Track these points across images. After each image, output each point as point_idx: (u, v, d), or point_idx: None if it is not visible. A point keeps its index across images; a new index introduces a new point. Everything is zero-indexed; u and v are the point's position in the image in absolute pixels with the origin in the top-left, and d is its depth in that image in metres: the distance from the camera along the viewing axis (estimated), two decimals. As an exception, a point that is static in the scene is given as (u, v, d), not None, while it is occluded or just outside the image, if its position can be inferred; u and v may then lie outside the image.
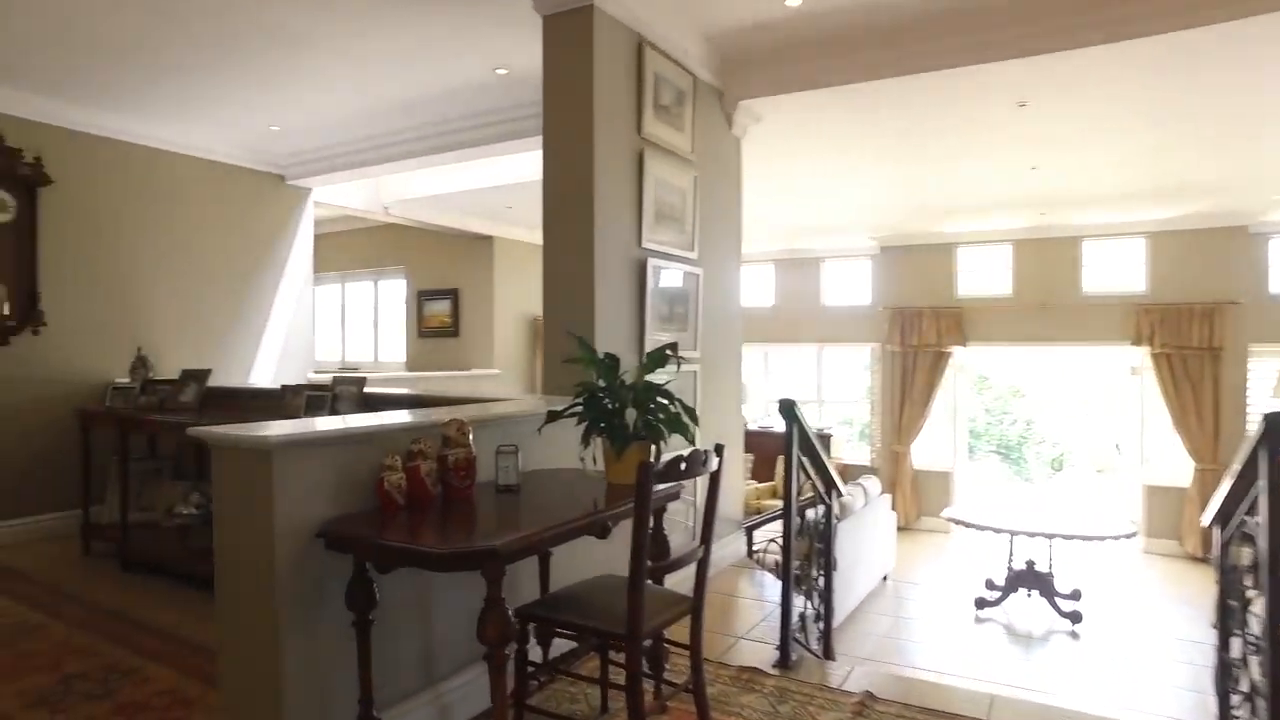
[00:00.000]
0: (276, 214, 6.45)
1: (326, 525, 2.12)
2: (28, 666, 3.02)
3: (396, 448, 2.38)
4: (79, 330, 5.11)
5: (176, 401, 4.61)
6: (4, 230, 4.77)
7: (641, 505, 2.06)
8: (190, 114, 5.28)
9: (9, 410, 4.81)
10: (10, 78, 4.61)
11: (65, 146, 5.04)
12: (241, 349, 6.15)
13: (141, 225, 5.48)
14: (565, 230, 3.57)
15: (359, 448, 2.32)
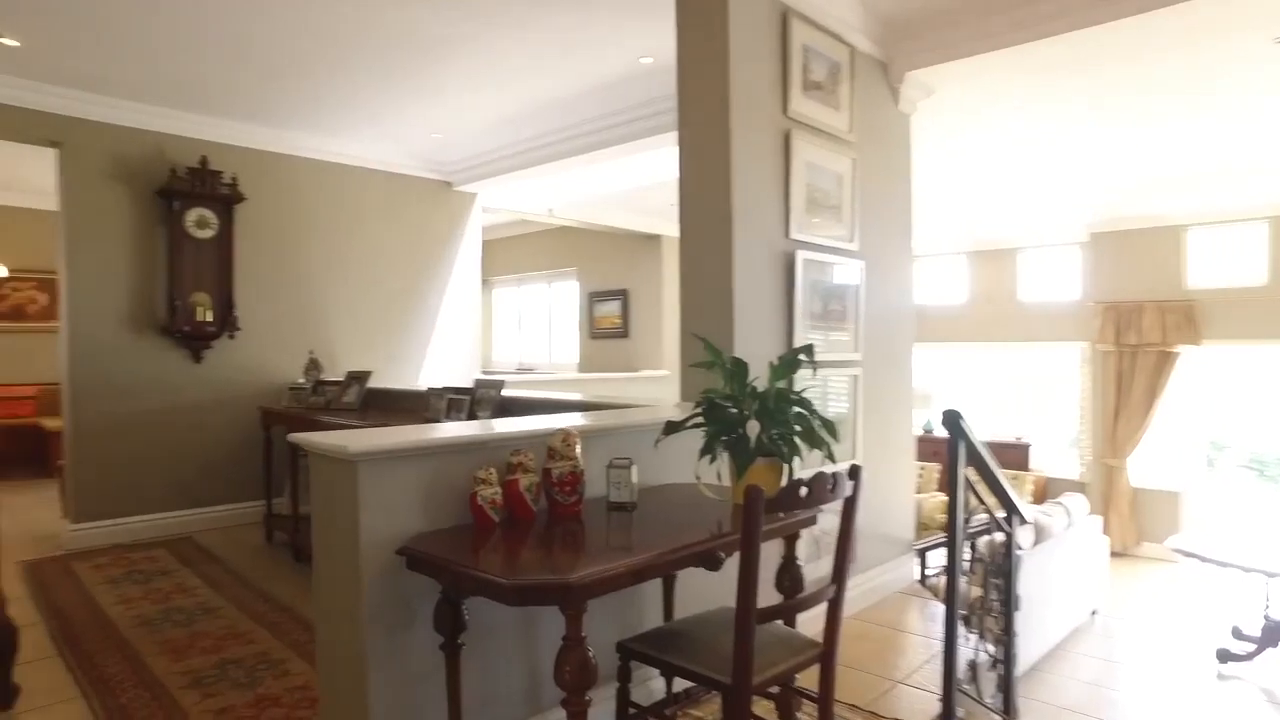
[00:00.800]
0: (445, 219, 6.69)
1: (409, 542, 2.00)
2: (195, 647, 3.21)
3: (494, 460, 2.23)
4: (265, 334, 5.54)
5: (341, 402, 4.84)
6: (207, 245, 5.25)
7: (748, 538, 1.75)
8: (362, 128, 5.56)
9: (208, 407, 5.29)
10: (213, 109, 5.07)
11: (256, 166, 5.48)
12: (412, 351, 6.43)
13: (321, 235, 5.86)
14: (700, 223, 3.30)
15: (453, 459, 2.19)
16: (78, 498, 4.82)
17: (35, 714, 2.69)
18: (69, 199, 4.79)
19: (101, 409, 4.87)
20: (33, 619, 3.55)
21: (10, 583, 4.07)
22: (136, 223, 5.01)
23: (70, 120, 4.74)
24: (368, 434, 2.22)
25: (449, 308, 6.71)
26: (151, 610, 3.65)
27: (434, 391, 4.21)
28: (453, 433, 2.28)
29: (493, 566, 1.77)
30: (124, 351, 4.95)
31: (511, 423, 2.64)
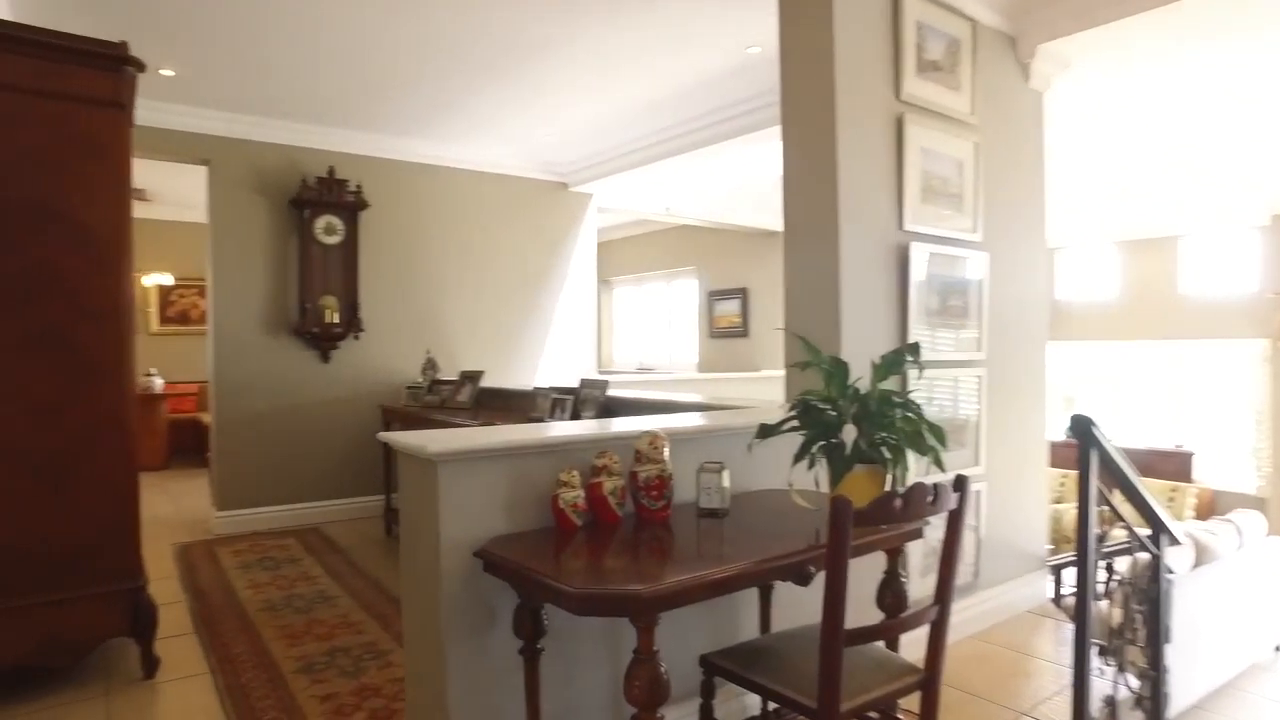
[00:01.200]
0: (561, 220, 6.77)
1: (488, 544, 1.97)
2: (310, 634, 3.36)
3: (578, 462, 2.18)
4: (387, 335, 5.79)
5: (455, 401, 4.97)
6: (335, 250, 5.54)
7: (834, 553, 1.60)
8: (476, 133, 5.71)
9: (334, 405, 5.58)
10: (338, 121, 5.35)
11: (379, 174, 5.74)
12: (528, 351, 6.55)
13: (439, 238, 6.07)
14: (804, 216, 3.13)
15: (536, 460, 2.15)
16: (221, 487, 5.20)
17: (171, 685, 2.89)
18: (216, 211, 5.18)
19: (241, 405, 5.24)
20: (178, 598, 3.84)
21: (164, 563, 4.44)
22: (272, 231, 5.36)
23: (217, 139, 5.13)
24: (449, 434, 2.22)
25: (565, 308, 6.79)
26: (276, 596, 3.86)
27: (540, 391, 4.25)
28: (534, 434, 2.25)
29: (560, 573, 1.71)
30: (260, 351, 5.31)
31: (599, 424, 2.59)
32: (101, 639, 2.85)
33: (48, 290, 2.74)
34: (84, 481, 2.80)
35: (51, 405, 2.75)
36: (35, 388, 2.72)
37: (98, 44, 2.86)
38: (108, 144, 2.86)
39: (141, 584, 2.91)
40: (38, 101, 2.74)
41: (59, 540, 2.75)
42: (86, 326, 2.81)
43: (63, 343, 2.77)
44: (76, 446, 2.79)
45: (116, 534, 2.87)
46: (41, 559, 2.73)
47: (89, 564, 2.81)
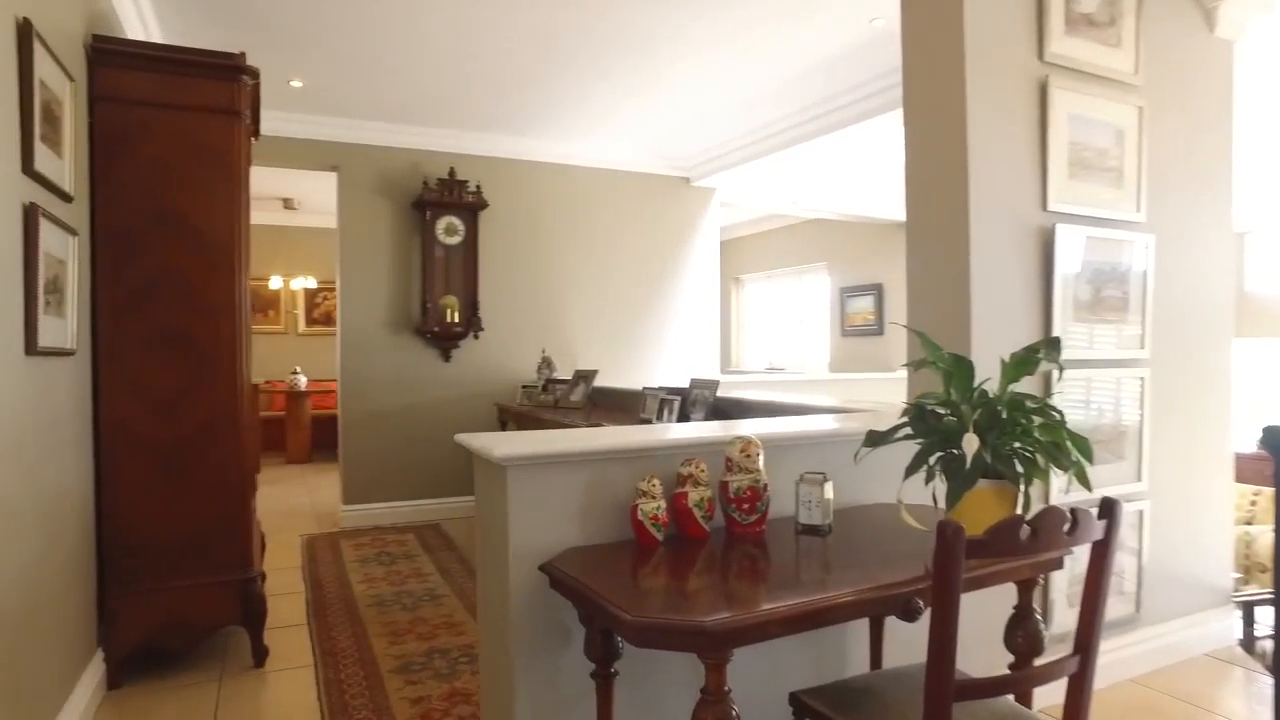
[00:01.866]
0: (683, 216, 6.61)
1: (557, 557, 1.83)
2: (413, 632, 3.37)
3: (661, 469, 2.00)
4: (506, 334, 5.83)
5: (568, 400, 4.91)
6: (456, 250, 5.64)
7: (940, 589, 1.34)
8: (593, 129, 5.64)
9: (454, 403, 5.68)
10: (458, 123, 5.43)
11: (498, 173, 5.79)
12: (647, 350, 6.43)
13: (558, 236, 6.05)
14: (928, 198, 2.80)
15: (615, 467, 1.98)
16: (347, 482, 5.41)
17: (278, 674, 2.96)
18: (344, 215, 5.39)
19: (366, 403, 5.42)
20: (298, 588, 3.98)
21: (291, 553, 4.64)
22: (396, 233, 5.52)
23: (345, 146, 5.34)
24: (521, 437, 2.09)
25: (687, 306, 6.62)
26: (387, 591, 3.92)
27: (648, 391, 4.10)
28: (612, 438, 2.08)
29: (620, 597, 1.53)
30: (384, 350, 5.48)
31: (686, 428, 2.40)
32: (216, 626, 2.95)
33: (168, 291, 2.87)
34: (200, 474, 2.91)
35: (171, 400, 2.87)
36: (158, 383, 2.85)
37: (215, 55, 2.97)
38: (224, 150, 2.96)
39: (252, 575, 2.99)
40: (162, 113, 2.87)
41: (178, 529, 2.87)
42: (202, 325, 2.92)
43: (181, 341, 2.89)
44: (193, 440, 2.90)
45: (229, 525, 2.96)
46: (164, 547, 2.85)
47: (204, 553, 2.91)
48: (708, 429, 2.33)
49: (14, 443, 2.00)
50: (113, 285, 2.80)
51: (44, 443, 2.21)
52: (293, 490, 6.75)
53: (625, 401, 4.72)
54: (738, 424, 2.43)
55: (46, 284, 2.20)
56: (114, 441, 2.79)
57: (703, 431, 2.25)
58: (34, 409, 2.13)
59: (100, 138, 2.78)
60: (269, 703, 2.75)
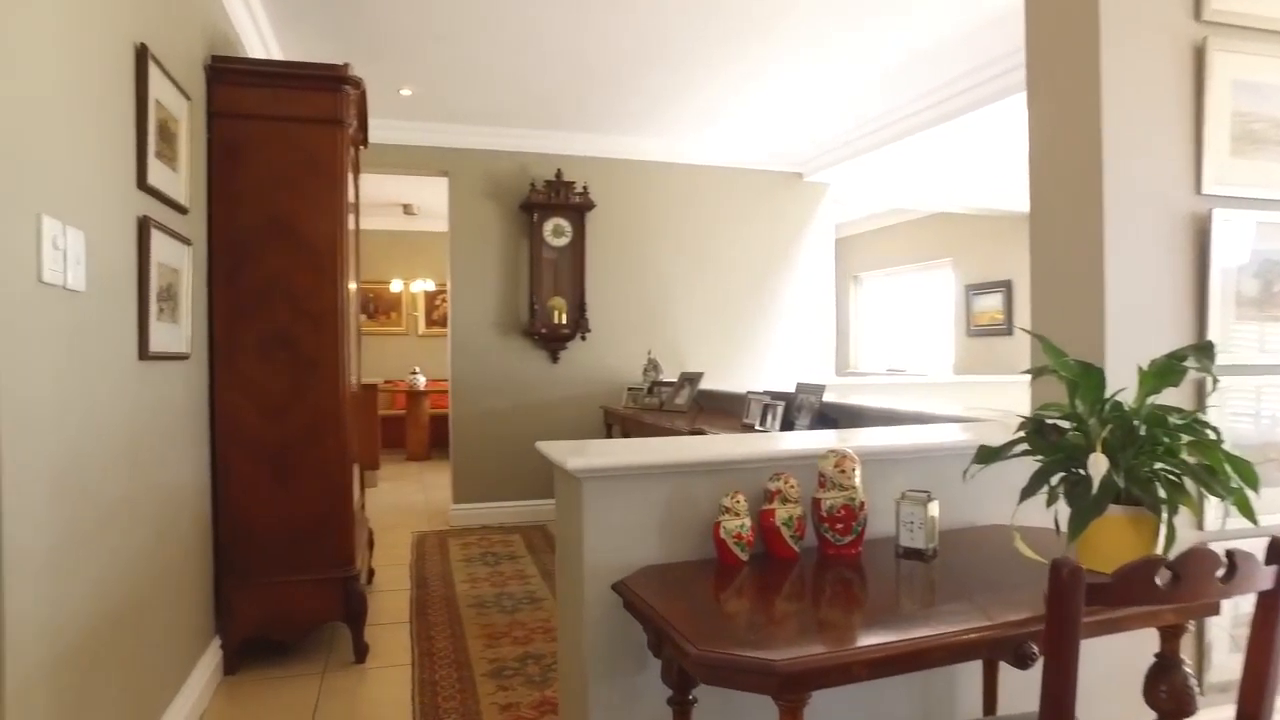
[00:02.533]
0: (795, 212, 6.38)
1: (631, 576, 1.73)
2: (510, 636, 3.37)
3: (748, 484, 1.87)
4: (612, 335, 5.80)
5: (673, 403, 4.81)
6: (563, 252, 5.66)
7: (1054, 638, 1.14)
8: (700, 125, 5.52)
9: (561, 405, 5.70)
10: (564, 124, 5.44)
11: (605, 173, 5.77)
12: (757, 352, 6.24)
13: (665, 236, 5.97)
14: (1055, 184, 2.52)
15: (698, 480, 1.87)
16: (457, 481, 5.53)
17: (377, 671, 3.02)
18: (455, 219, 5.52)
19: (476, 403, 5.53)
20: (404, 585, 4.08)
21: (401, 550, 4.78)
22: (504, 235, 5.59)
23: (454, 151, 5.46)
24: (599, 446, 2.01)
25: (799, 306, 6.39)
26: (488, 592, 3.95)
27: (753, 396, 3.94)
28: (693, 451, 1.96)
29: (688, 625, 1.41)
30: (493, 352, 5.56)
31: (776, 439, 2.24)
32: (319, 621, 3.05)
33: (277, 297, 2.98)
34: (304, 474, 3.01)
35: (279, 402, 2.98)
36: (267, 385, 2.97)
37: (319, 68, 3.06)
38: (328, 159, 3.05)
39: (353, 574, 3.07)
40: (272, 125, 2.99)
41: (284, 527, 2.98)
42: (308, 329, 3.01)
43: (289, 345, 2.99)
44: (299, 441, 3.00)
45: (331, 524, 3.05)
46: (272, 543, 2.97)
47: (308, 551, 3.01)
48: (799, 440, 2.17)
49: (129, 443, 2.10)
50: (227, 291, 2.93)
51: (158, 442, 2.32)
52: (409, 487, 7.00)
53: (730, 405, 4.58)
54: (839, 433, 2.25)
55: (160, 292, 2.31)
56: (227, 441, 2.93)
57: (793, 443, 2.09)
58: (147, 411, 2.23)
59: (217, 151, 2.92)
60: (365, 699, 2.80)
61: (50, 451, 1.64)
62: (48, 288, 1.64)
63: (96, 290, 1.87)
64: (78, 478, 1.77)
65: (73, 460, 1.75)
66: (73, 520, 1.75)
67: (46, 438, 1.62)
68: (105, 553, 1.93)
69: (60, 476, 1.68)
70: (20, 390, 1.52)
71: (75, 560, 1.76)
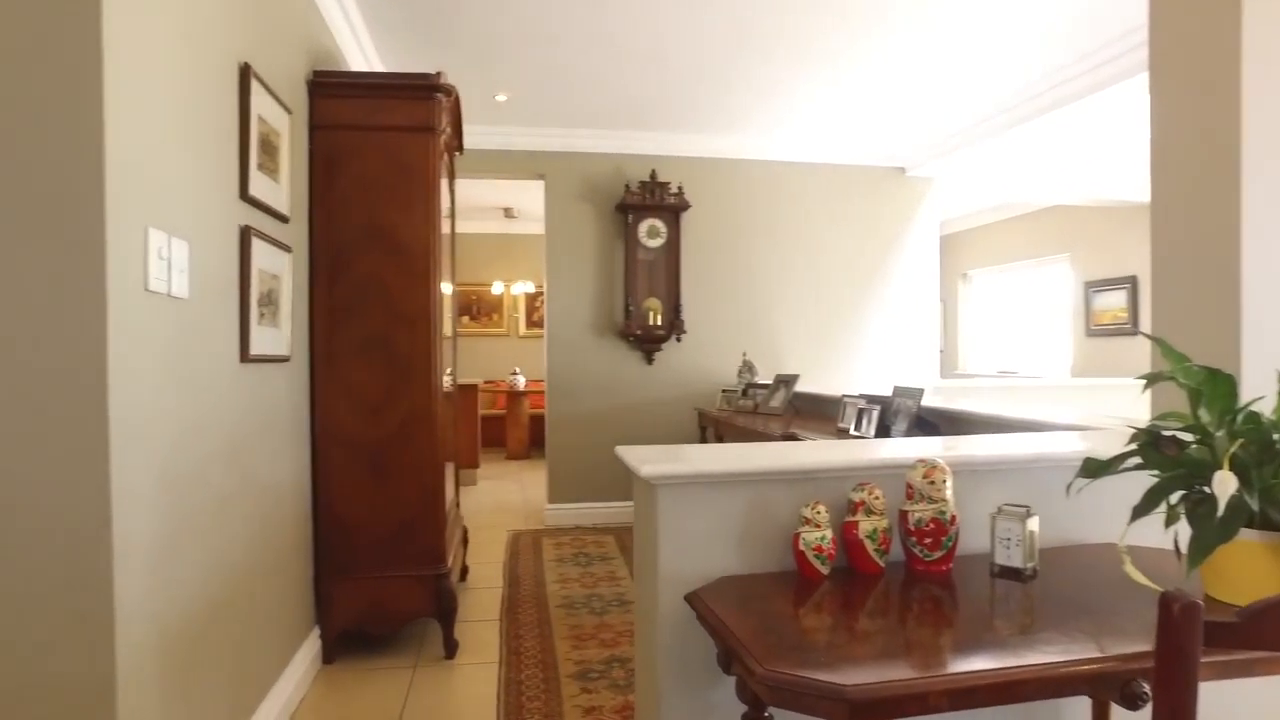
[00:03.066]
0: (897, 208, 6.13)
1: (704, 586, 1.67)
2: (596, 638, 3.37)
3: (830, 494, 1.78)
4: (707, 336, 5.73)
5: (767, 406, 4.71)
6: (658, 253, 5.64)
7: (1168, 682, 1.02)
8: (799, 121, 5.38)
9: (656, 406, 5.68)
10: (658, 124, 5.42)
11: (700, 173, 5.71)
12: (857, 352, 6.04)
13: (761, 236, 5.85)
14: (1182, 170, 2.28)
15: (778, 489, 1.79)
16: (552, 480, 5.60)
17: (465, 668, 3.08)
18: (551, 222, 5.60)
19: (571, 404, 5.58)
20: (497, 584, 4.16)
21: (496, 548, 4.88)
22: (600, 237, 5.63)
23: (550, 154, 5.53)
24: (673, 452, 1.96)
25: (901, 306, 6.14)
26: (578, 593, 3.97)
27: (848, 399, 3.80)
28: (771, 459, 1.88)
29: (757, 644, 1.34)
30: (588, 353, 5.60)
31: (862, 447, 2.13)
32: (411, 616, 3.13)
33: (373, 300, 3.09)
34: (398, 473, 3.10)
35: (375, 402, 3.08)
36: (364, 386, 3.08)
37: (412, 77, 3.15)
38: (421, 165, 3.13)
39: (443, 571, 3.14)
40: (369, 135, 3.10)
41: (379, 524, 3.08)
42: (402, 331, 3.11)
43: (384, 347, 3.09)
44: (393, 440, 3.10)
45: (423, 522, 3.13)
46: (367, 539, 3.08)
47: (401, 547, 3.10)
48: (885, 448, 2.05)
49: (229, 442, 2.21)
50: (327, 295, 3.06)
51: (258, 441, 2.44)
52: (507, 486, 7.16)
53: (826, 408, 4.43)
54: (932, 441, 2.12)
55: (261, 297, 2.43)
56: (327, 440, 3.06)
57: (879, 452, 1.98)
58: (247, 411, 2.35)
59: (318, 161, 3.05)
60: (451, 695, 2.86)
61: (156, 450, 1.74)
62: (153, 295, 1.74)
63: (199, 297, 1.98)
64: (181, 474, 1.88)
65: (177, 458, 1.85)
66: (177, 513, 1.85)
67: (152, 437, 1.72)
68: (208, 543, 2.04)
69: (165, 473, 1.79)
70: (127, 393, 1.61)
71: (179, 550, 1.86)
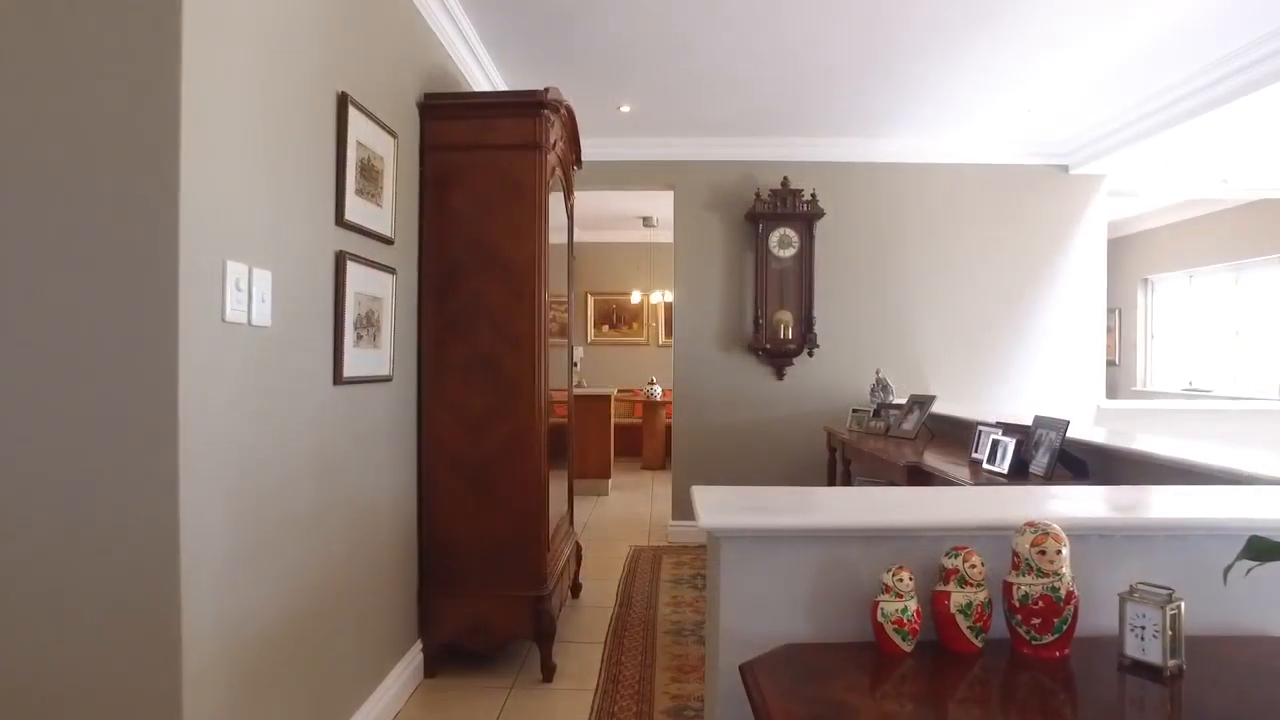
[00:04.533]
0: (1058, 210, 5.52)
1: (762, 654, 1.49)
2: (698, 672, 3.19)
3: (919, 556, 1.55)
4: (841, 351, 5.41)
5: (899, 429, 4.35)
6: (788, 263, 5.39)
7: None
8: (944, 119, 4.95)
9: (785, 424, 5.43)
10: (788, 130, 5.19)
11: (834, 179, 5.40)
12: (1010, 370, 5.49)
13: (901, 244, 5.46)
14: None
15: (856, 548, 1.58)
16: (676, 496, 5.49)
17: (561, 693, 3.02)
18: (679, 232, 5.49)
19: (697, 418, 5.45)
20: (608, 603, 4.09)
21: (615, 564, 4.82)
22: (728, 247, 5.46)
23: (679, 164, 5.43)
24: (745, 498, 1.78)
25: (1062, 318, 5.52)
26: (689, 619, 3.83)
27: (983, 428, 3.41)
28: (847, 513, 1.66)
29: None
30: (716, 366, 5.44)
31: (960, 501, 1.85)
32: (510, 637, 3.12)
33: (479, 319, 3.11)
34: (501, 492, 3.10)
35: (480, 420, 3.10)
36: (469, 405, 3.10)
37: (518, 95, 3.15)
38: (527, 183, 3.11)
39: (543, 594, 3.10)
40: (477, 155, 3.13)
41: (481, 542, 3.10)
42: (507, 350, 3.10)
43: (489, 365, 3.11)
44: (496, 459, 3.10)
45: (524, 543, 3.11)
46: (469, 556, 3.10)
47: (501, 567, 3.10)
48: (987, 504, 1.77)
49: (322, 462, 2.27)
50: (435, 315, 3.11)
51: (353, 461, 2.50)
52: (637, 498, 7.12)
53: (961, 434, 4.03)
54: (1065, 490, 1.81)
55: (358, 320, 2.48)
56: (433, 457, 3.11)
57: (979, 510, 1.71)
58: (341, 432, 2.40)
59: (429, 182, 3.12)
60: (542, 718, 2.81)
61: (228, 474, 1.79)
62: (231, 325, 1.79)
63: (286, 323, 2.03)
64: (261, 495, 1.93)
65: (253, 480, 1.89)
66: (254, 532, 1.90)
67: (224, 461, 1.77)
68: (291, 559, 2.09)
69: (238, 495, 1.83)
70: (199, 420, 1.66)
71: (256, 567, 1.91)
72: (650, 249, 9.37)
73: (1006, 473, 2.87)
